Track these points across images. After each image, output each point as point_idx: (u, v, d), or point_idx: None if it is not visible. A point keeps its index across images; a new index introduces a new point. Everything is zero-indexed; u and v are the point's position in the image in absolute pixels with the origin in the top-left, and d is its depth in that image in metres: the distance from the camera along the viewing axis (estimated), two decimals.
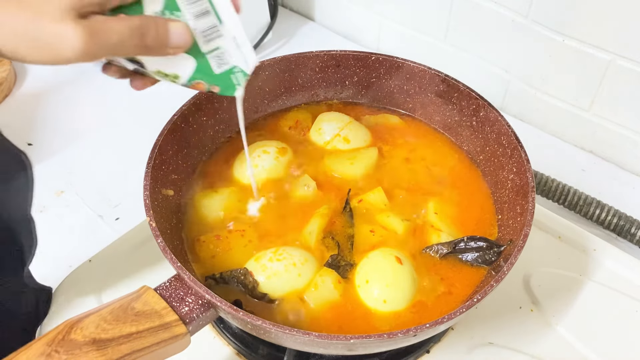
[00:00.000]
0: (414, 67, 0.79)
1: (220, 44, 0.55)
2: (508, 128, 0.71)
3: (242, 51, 0.56)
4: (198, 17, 0.52)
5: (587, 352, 0.70)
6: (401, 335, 0.53)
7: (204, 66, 0.55)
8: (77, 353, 0.47)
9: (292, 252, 0.65)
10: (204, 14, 0.52)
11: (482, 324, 0.71)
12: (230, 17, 0.54)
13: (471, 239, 0.66)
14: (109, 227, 0.88)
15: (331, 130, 0.79)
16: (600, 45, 0.87)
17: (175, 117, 0.71)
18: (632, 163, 0.97)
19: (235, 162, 0.76)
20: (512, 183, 0.70)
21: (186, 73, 0.54)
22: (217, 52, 0.55)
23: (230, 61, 0.56)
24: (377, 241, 0.68)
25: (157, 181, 0.66)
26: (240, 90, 0.58)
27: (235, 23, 0.54)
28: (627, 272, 0.77)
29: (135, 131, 0.79)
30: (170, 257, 0.57)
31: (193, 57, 0.54)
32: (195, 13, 0.52)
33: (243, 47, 0.56)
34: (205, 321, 0.55)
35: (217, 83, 0.56)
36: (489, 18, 0.97)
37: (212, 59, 0.55)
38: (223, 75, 0.56)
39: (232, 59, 0.56)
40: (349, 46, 1.20)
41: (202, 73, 0.55)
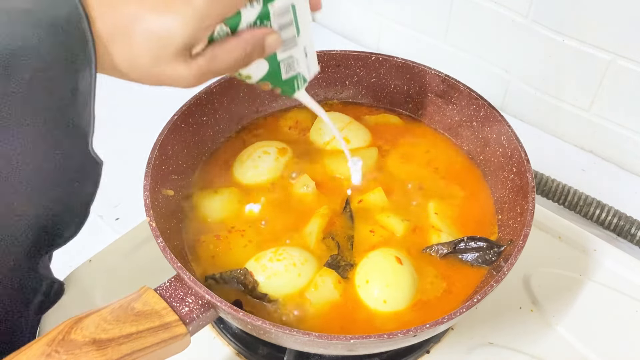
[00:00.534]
0: (414, 67, 0.79)
1: (293, 53, 0.58)
2: (508, 128, 0.71)
3: (307, 60, 0.60)
4: (282, 28, 0.55)
5: (587, 352, 0.70)
6: (401, 336, 0.53)
7: (274, 71, 0.58)
8: (77, 353, 0.47)
9: (292, 252, 0.65)
10: (288, 25, 0.55)
11: (482, 324, 0.71)
12: (307, 28, 0.57)
13: (471, 239, 0.66)
14: (109, 227, 0.88)
15: (331, 131, 0.79)
16: (600, 45, 0.87)
17: (175, 117, 0.71)
18: (632, 163, 0.97)
19: (235, 162, 0.76)
20: (512, 183, 0.70)
21: (258, 75, 0.57)
22: (289, 60, 0.58)
23: (296, 69, 0.60)
24: (377, 241, 0.68)
25: (157, 181, 0.66)
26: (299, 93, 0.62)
27: (310, 34, 0.58)
28: (627, 272, 0.77)
29: (135, 131, 0.79)
30: (170, 257, 0.57)
31: (268, 62, 0.57)
32: (281, 24, 0.55)
33: (309, 57, 0.60)
34: (205, 321, 0.55)
35: (281, 86, 0.60)
36: (489, 18, 0.97)
37: (283, 65, 0.58)
38: (288, 80, 0.60)
39: (299, 67, 0.60)
40: (349, 46, 1.20)
41: (272, 77, 0.58)
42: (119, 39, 0.47)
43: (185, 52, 0.48)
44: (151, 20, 0.46)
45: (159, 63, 0.48)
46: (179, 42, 0.47)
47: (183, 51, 0.48)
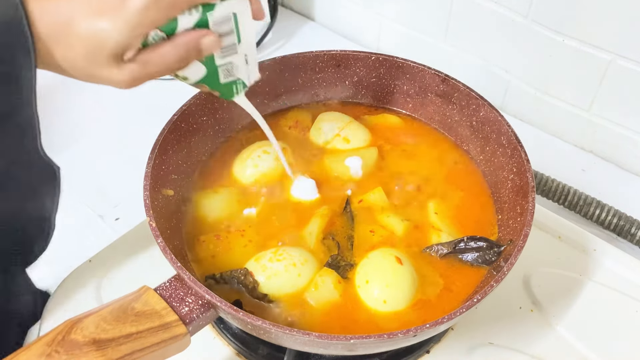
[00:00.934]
0: (414, 67, 0.79)
1: (233, 60, 0.58)
2: (508, 128, 0.71)
3: (248, 67, 0.60)
4: (222, 36, 0.55)
5: (587, 352, 0.70)
6: (401, 336, 0.53)
7: (212, 75, 0.58)
8: (77, 353, 0.47)
9: (292, 252, 0.65)
10: (228, 33, 0.55)
11: (482, 324, 0.71)
12: (248, 37, 0.58)
13: (471, 239, 0.66)
14: (109, 227, 0.88)
15: (331, 130, 0.79)
16: (600, 45, 0.87)
17: (175, 117, 0.71)
18: (632, 163, 0.97)
19: (235, 162, 0.76)
20: (512, 183, 0.70)
21: (195, 77, 0.57)
22: (228, 65, 0.58)
23: (236, 74, 0.60)
24: (377, 241, 0.68)
25: (157, 181, 0.66)
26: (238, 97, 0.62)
27: (251, 43, 0.59)
28: (627, 272, 0.77)
29: (135, 131, 0.79)
30: (170, 257, 0.57)
31: (205, 66, 0.57)
32: (220, 32, 0.55)
33: (250, 64, 0.60)
34: (205, 321, 0.55)
35: (219, 89, 0.60)
36: (489, 18, 0.97)
37: (221, 70, 0.58)
38: (226, 84, 0.60)
39: (238, 73, 0.60)
40: (349, 46, 1.20)
41: (209, 80, 0.58)
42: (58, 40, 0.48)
43: (117, 57, 0.49)
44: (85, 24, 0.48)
45: (93, 65, 0.49)
46: (110, 47, 0.48)
47: (114, 56, 0.49)
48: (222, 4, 0.54)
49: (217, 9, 0.53)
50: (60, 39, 0.48)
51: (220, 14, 0.54)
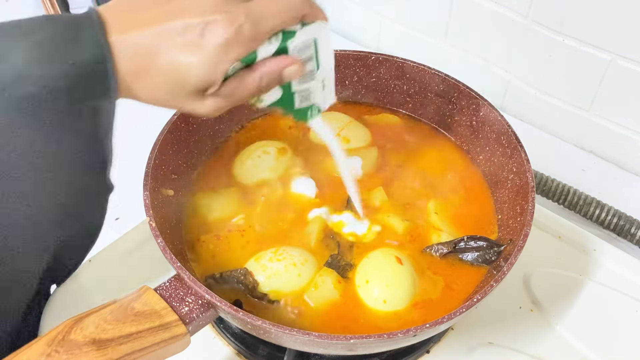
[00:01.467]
0: (414, 67, 0.79)
1: (311, 86, 0.57)
2: (508, 128, 0.71)
3: (324, 92, 0.58)
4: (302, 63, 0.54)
5: (587, 352, 0.70)
6: (401, 335, 0.53)
7: (287, 99, 0.56)
8: (77, 353, 0.47)
9: (292, 252, 0.65)
10: (307, 60, 0.54)
11: (482, 324, 0.71)
12: (328, 63, 0.56)
13: (471, 239, 0.66)
14: (109, 227, 0.87)
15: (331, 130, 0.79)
16: (600, 45, 0.87)
17: (175, 117, 0.71)
18: (632, 163, 0.97)
19: (235, 162, 0.76)
20: (512, 183, 0.70)
21: (269, 100, 0.56)
22: (305, 92, 0.57)
23: (311, 100, 0.58)
24: (377, 241, 0.68)
25: (157, 181, 0.66)
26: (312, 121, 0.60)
27: (330, 68, 0.57)
28: (627, 272, 0.77)
29: (135, 131, 0.79)
30: (170, 257, 0.57)
31: (282, 90, 0.55)
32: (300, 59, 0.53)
33: (327, 88, 0.58)
34: (205, 321, 0.55)
35: (293, 113, 0.58)
36: (489, 18, 0.97)
37: (297, 96, 0.57)
38: (301, 109, 0.58)
39: (314, 98, 0.58)
40: (349, 46, 1.20)
41: (284, 103, 0.57)
42: (139, 75, 0.48)
43: (200, 92, 0.49)
44: (167, 60, 0.47)
45: (175, 99, 0.50)
46: (192, 84, 0.48)
47: (197, 92, 0.49)
48: (303, 30, 0.52)
49: (297, 36, 0.51)
50: (141, 73, 0.48)
51: (301, 40, 0.52)
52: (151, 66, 0.48)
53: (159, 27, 0.47)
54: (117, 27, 0.47)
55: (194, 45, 0.47)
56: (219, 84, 0.49)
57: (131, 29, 0.47)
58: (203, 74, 0.48)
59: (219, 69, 0.48)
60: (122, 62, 0.47)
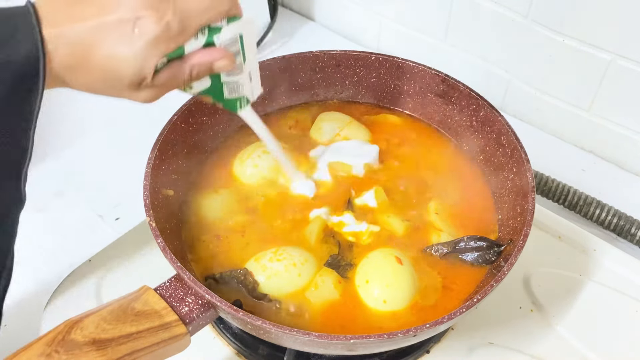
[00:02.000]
0: (414, 67, 0.79)
1: (239, 79, 0.59)
2: (508, 128, 0.71)
3: (252, 84, 0.61)
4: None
5: (587, 352, 0.70)
6: (401, 335, 0.53)
7: (217, 89, 0.59)
8: (77, 353, 0.47)
9: (292, 252, 0.65)
10: (234, 54, 0.56)
11: (482, 324, 0.71)
12: (253, 54, 0.58)
13: (471, 239, 0.66)
14: (109, 227, 0.88)
15: (331, 130, 0.79)
16: (600, 45, 0.87)
17: (175, 117, 0.71)
18: (632, 163, 0.97)
19: (235, 162, 0.76)
20: (512, 183, 0.70)
21: (199, 88, 0.58)
22: (233, 84, 0.59)
23: (240, 91, 0.60)
24: (378, 241, 0.68)
25: (157, 181, 0.66)
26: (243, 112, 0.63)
27: (255, 61, 0.59)
28: (627, 272, 0.77)
29: (135, 131, 0.79)
30: (170, 257, 0.57)
31: (211, 79, 0.57)
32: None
33: (254, 81, 0.61)
34: (205, 321, 0.55)
35: (223, 102, 0.61)
36: (489, 18, 0.97)
37: (226, 87, 0.59)
38: (230, 100, 0.61)
39: (243, 90, 0.60)
40: (349, 46, 1.20)
41: (213, 92, 0.59)
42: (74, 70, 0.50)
43: (134, 84, 0.51)
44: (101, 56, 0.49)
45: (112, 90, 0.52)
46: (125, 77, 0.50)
47: (132, 84, 0.51)
48: (229, 27, 0.54)
49: (224, 32, 0.54)
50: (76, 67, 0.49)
51: (227, 36, 0.54)
52: (86, 60, 0.49)
53: (93, 21, 0.48)
54: (52, 21, 0.48)
55: (125, 40, 0.49)
56: (150, 77, 0.51)
57: (67, 23, 0.48)
58: (135, 67, 0.50)
59: (149, 63, 0.50)
60: (56, 56, 0.48)
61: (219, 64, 0.55)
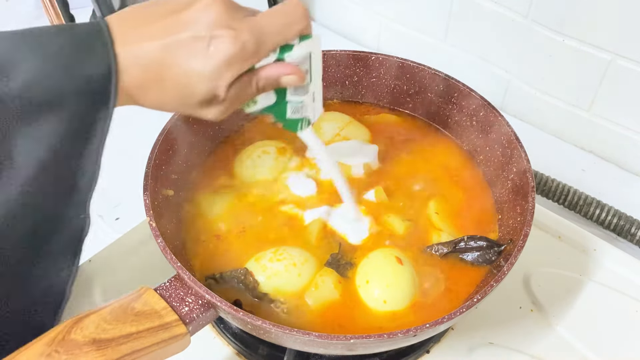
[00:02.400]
0: (414, 67, 0.79)
1: (303, 99, 0.58)
2: (508, 128, 0.71)
3: (314, 105, 0.60)
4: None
5: (587, 352, 0.70)
6: (401, 335, 0.53)
7: (280, 107, 0.58)
8: (77, 353, 0.47)
9: (292, 252, 0.65)
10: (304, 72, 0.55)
11: (482, 324, 0.71)
12: (318, 76, 0.58)
13: (471, 239, 0.66)
14: (109, 227, 0.88)
15: (331, 130, 0.79)
16: (600, 45, 0.87)
17: (176, 117, 0.71)
18: (632, 163, 0.97)
19: (235, 162, 0.76)
20: (512, 183, 0.70)
21: (262, 104, 0.57)
22: (298, 104, 0.58)
23: (303, 113, 0.60)
24: (378, 241, 0.68)
25: (157, 181, 0.66)
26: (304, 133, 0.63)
27: (319, 82, 0.59)
28: (627, 272, 0.77)
29: (135, 131, 0.79)
30: (170, 257, 0.57)
31: (276, 96, 0.57)
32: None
33: (317, 102, 0.60)
34: (205, 321, 0.55)
35: (283, 122, 0.60)
36: (489, 18, 0.97)
37: (290, 106, 0.58)
38: (292, 120, 0.60)
39: (305, 112, 0.60)
40: (349, 46, 1.20)
41: (276, 111, 0.59)
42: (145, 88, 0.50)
43: (207, 102, 0.51)
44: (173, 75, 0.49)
45: (183, 108, 0.53)
46: (198, 95, 0.50)
47: (204, 102, 0.51)
48: (300, 45, 0.53)
49: (295, 50, 0.53)
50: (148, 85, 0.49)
51: (298, 55, 0.54)
52: (159, 78, 0.49)
53: (165, 39, 0.48)
54: (124, 39, 0.48)
55: (200, 57, 0.48)
56: (223, 94, 0.51)
57: (139, 41, 0.48)
58: (208, 85, 0.49)
59: (222, 82, 0.50)
60: (128, 75, 0.48)
61: (288, 78, 0.54)
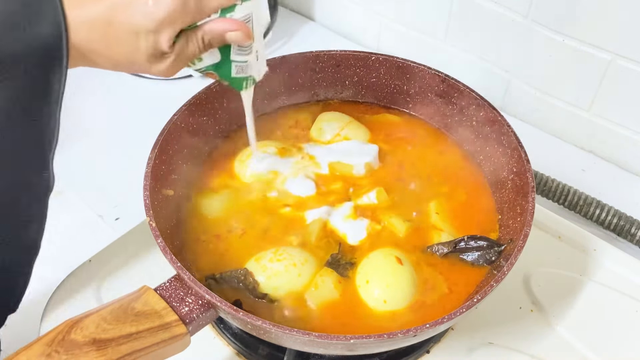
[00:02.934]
0: (414, 67, 0.79)
1: (248, 58, 0.59)
2: (508, 128, 0.71)
3: (258, 63, 0.61)
4: None
5: (587, 352, 0.70)
6: (401, 336, 0.53)
7: (225, 66, 0.59)
8: (77, 353, 0.47)
9: (292, 252, 0.65)
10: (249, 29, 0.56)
11: (482, 324, 0.71)
12: (260, 34, 0.59)
13: (471, 238, 0.66)
14: (109, 227, 0.88)
15: (331, 130, 0.79)
16: (600, 45, 0.87)
17: (175, 117, 0.71)
18: (632, 163, 0.97)
19: (235, 161, 0.76)
20: (512, 183, 0.70)
21: (208, 61, 0.58)
22: (242, 63, 0.60)
23: (247, 72, 0.61)
24: (378, 241, 0.68)
25: (157, 181, 0.66)
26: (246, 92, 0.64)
27: (261, 40, 0.60)
28: (627, 272, 0.77)
29: (135, 131, 0.79)
30: (170, 257, 0.57)
31: (220, 55, 0.58)
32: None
33: (260, 60, 0.61)
34: (205, 321, 0.55)
35: (229, 80, 0.61)
36: (489, 18, 0.97)
37: (234, 66, 0.59)
38: (237, 79, 0.61)
39: (250, 70, 0.61)
40: (349, 46, 1.20)
41: (221, 69, 0.59)
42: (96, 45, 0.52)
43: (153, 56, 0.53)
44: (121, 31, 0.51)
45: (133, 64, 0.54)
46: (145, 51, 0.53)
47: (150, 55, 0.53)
48: (242, 6, 0.55)
49: (237, 11, 0.54)
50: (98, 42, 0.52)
51: (240, 15, 0.55)
52: (105, 36, 0.51)
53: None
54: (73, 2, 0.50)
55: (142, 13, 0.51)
56: (167, 48, 0.53)
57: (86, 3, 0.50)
58: (151, 40, 0.52)
59: (164, 37, 0.52)
60: (77, 34, 0.50)
61: (233, 34, 0.55)
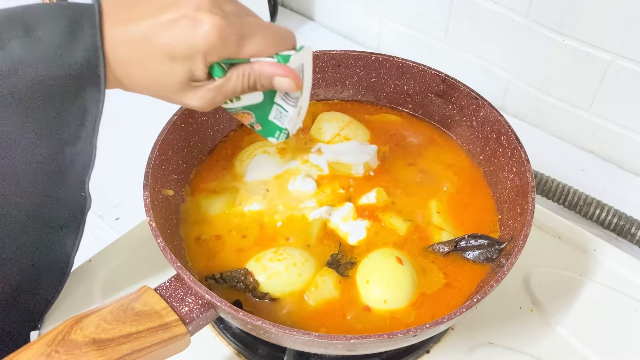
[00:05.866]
0: (414, 67, 0.79)
1: (290, 109, 0.58)
2: (508, 128, 0.71)
3: (298, 119, 0.60)
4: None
5: (587, 352, 0.70)
6: (401, 336, 0.53)
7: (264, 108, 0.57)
8: (77, 353, 0.47)
9: (292, 252, 0.65)
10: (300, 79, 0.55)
11: (482, 324, 0.71)
12: (308, 92, 0.57)
13: (472, 237, 0.66)
14: (109, 227, 0.88)
15: (331, 130, 0.79)
16: (600, 45, 0.87)
17: (175, 117, 0.71)
18: (632, 163, 0.97)
19: (235, 161, 0.76)
20: (512, 183, 0.70)
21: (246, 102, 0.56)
22: (283, 112, 0.58)
23: (284, 122, 0.59)
24: (379, 241, 0.68)
25: (157, 181, 0.66)
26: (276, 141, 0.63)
27: (308, 97, 0.58)
28: (627, 272, 0.77)
29: (135, 131, 0.79)
30: (170, 257, 0.57)
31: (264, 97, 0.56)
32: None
33: (300, 116, 0.60)
34: (205, 321, 0.55)
35: (263, 124, 0.59)
36: (489, 18, 0.97)
37: (275, 110, 0.58)
38: (271, 125, 0.60)
39: (287, 122, 0.59)
40: (349, 46, 1.20)
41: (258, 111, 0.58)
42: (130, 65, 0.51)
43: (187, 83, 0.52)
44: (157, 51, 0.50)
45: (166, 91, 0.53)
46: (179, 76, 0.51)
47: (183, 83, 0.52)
48: (297, 55, 0.52)
49: (291, 61, 0.52)
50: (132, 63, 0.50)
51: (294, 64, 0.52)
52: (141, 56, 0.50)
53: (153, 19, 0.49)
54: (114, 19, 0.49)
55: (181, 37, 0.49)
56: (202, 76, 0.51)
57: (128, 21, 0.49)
58: (186, 66, 0.50)
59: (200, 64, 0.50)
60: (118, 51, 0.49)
61: (283, 80, 0.53)
